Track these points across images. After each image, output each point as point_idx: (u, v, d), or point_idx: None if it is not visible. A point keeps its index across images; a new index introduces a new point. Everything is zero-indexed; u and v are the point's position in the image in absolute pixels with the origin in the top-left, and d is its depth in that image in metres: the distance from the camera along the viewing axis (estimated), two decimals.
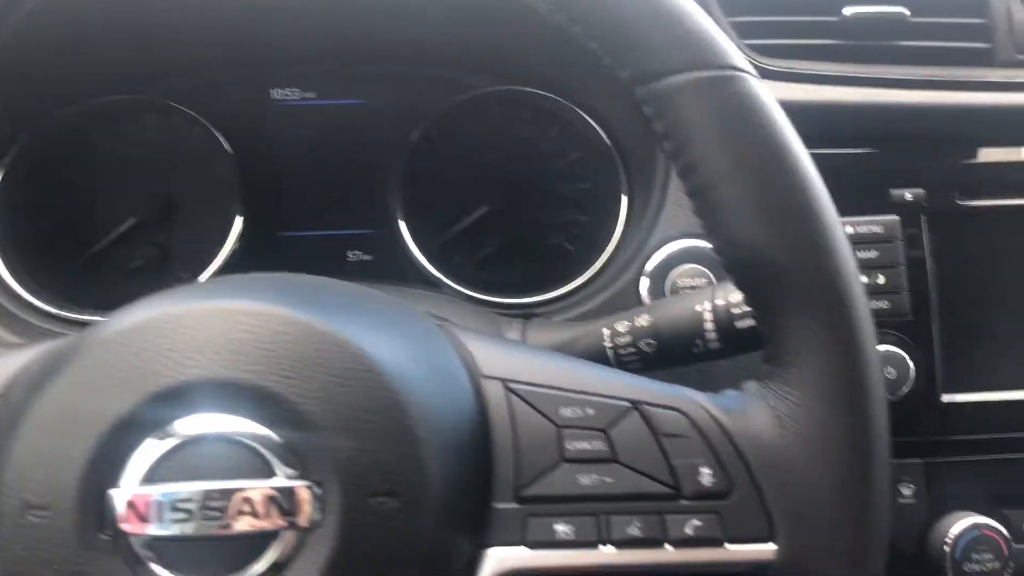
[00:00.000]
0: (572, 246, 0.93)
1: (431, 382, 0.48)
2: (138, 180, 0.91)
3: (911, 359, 0.77)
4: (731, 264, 0.50)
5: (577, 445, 0.49)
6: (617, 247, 0.87)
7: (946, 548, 0.76)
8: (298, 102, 0.92)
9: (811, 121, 0.81)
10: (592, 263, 0.87)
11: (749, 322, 0.63)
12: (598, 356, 0.68)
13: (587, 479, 0.48)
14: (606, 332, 0.69)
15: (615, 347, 0.68)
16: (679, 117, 0.49)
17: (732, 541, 0.48)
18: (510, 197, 0.93)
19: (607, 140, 0.89)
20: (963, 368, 0.80)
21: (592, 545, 0.48)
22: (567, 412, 0.50)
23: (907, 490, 0.79)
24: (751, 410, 0.50)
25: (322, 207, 0.93)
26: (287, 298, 0.48)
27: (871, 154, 0.82)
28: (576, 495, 0.48)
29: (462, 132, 0.92)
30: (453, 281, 0.89)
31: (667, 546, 0.48)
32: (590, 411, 0.50)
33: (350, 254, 0.94)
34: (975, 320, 0.81)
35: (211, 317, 0.46)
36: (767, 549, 0.48)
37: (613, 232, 0.88)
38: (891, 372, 0.77)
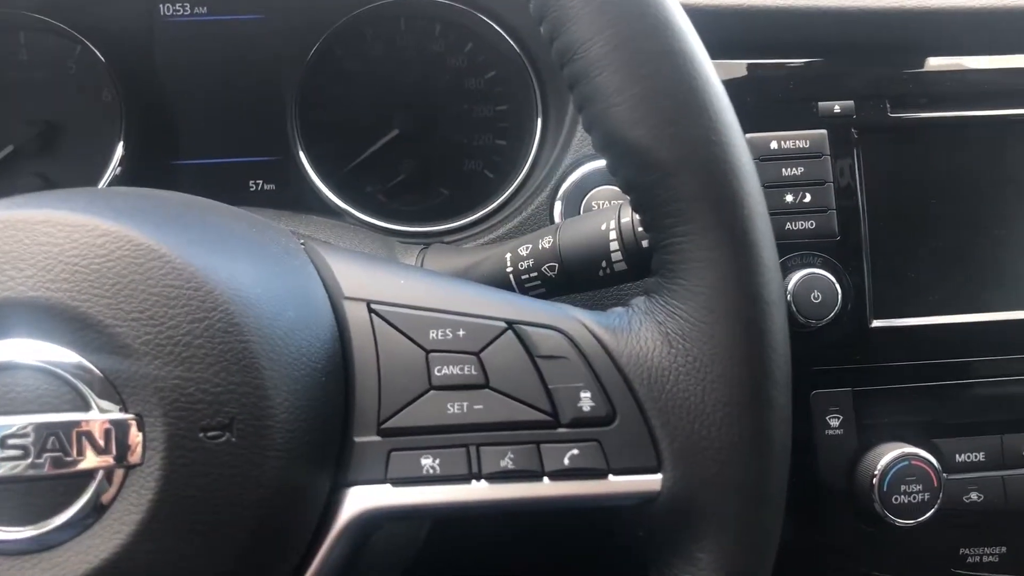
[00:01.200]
0: (492, 173, 0.87)
1: (279, 303, 0.43)
2: (14, 104, 0.83)
3: (838, 282, 0.72)
4: (614, 162, 0.45)
5: (446, 370, 0.44)
6: (530, 170, 0.81)
7: (874, 480, 0.72)
8: (188, 18, 0.85)
9: (736, 29, 0.77)
10: (506, 188, 0.81)
11: None
12: (499, 283, 0.63)
13: (457, 407, 0.43)
14: (508, 256, 0.63)
15: (516, 272, 0.62)
16: None
17: (615, 472, 0.43)
18: (423, 120, 0.86)
19: (520, 54, 0.83)
20: (894, 291, 0.76)
21: (462, 480, 0.43)
22: (436, 335, 0.44)
23: (835, 421, 0.75)
24: (637, 328, 0.45)
25: (219, 133, 0.86)
26: (105, 208, 0.42)
27: (799, 64, 0.76)
28: (444, 425, 0.43)
29: (366, 48, 0.85)
30: (360, 210, 0.83)
31: (544, 479, 0.43)
32: (461, 333, 0.44)
33: (251, 183, 0.87)
34: (907, 240, 0.76)
35: (11, 229, 0.40)
36: (653, 480, 0.43)
37: (528, 155, 0.82)
38: (817, 296, 0.72)
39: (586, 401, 0.43)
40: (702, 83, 0.43)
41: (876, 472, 0.72)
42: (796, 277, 0.72)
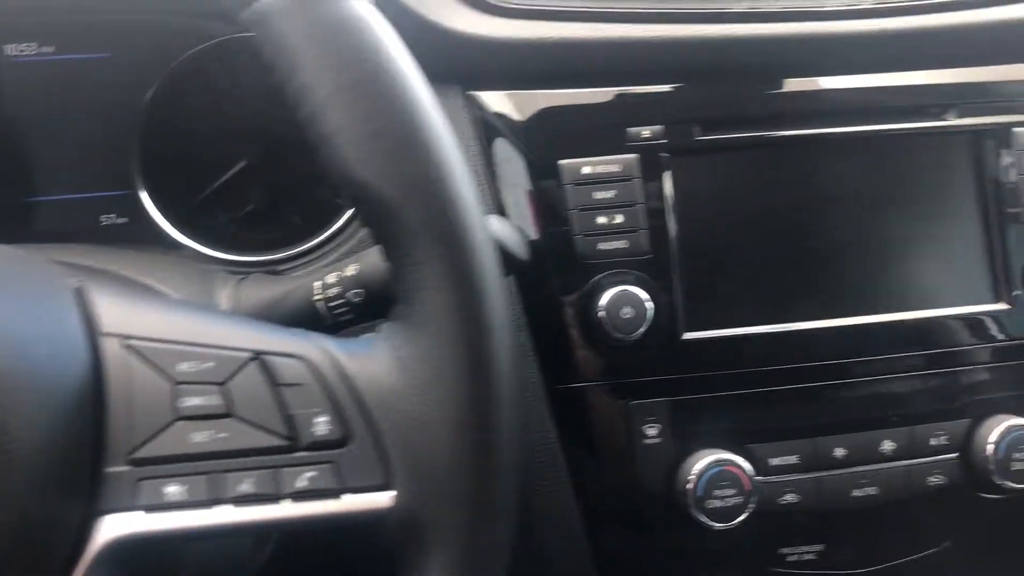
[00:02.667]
0: (342, 200, 0.90)
1: (30, 340, 0.45)
2: None
3: (650, 298, 0.76)
4: (348, 199, 0.48)
5: (192, 401, 0.46)
6: None
7: (688, 486, 0.75)
8: (35, 58, 0.86)
9: (549, 59, 0.80)
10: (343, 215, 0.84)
11: None
12: (308, 311, 0.66)
13: (201, 436, 0.46)
14: (316, 285, 0.66)
15: (325, 300, 0.65)
16: (280, 41, 0.47)
17: (348, 491, 0.46)
18: (271, 150, 0.89)
19: None
20: (705, 305, 0.79)
21: (206, 505, 0.45)
22: (185, 367, 0.47)
23: (652, 430, 0.78)
24: (378, 353, 0.47)
25: (70, 169, 0.87)
26: None
27: (610, 92, 0.79)
28: (189, 454, 0.46)
29: (210, 82, 0.87)
30: (205, 243, 0.85)
31: (283, 501, 0.46)
32: (210, 364, 0.47)
33: (103, 218, 0.89)
34: (718, 256, 0.80)
35: None
36: (384, 497, 0.46)
37: None
38: (627, 312, 0.75)
39: (322, 425, 0.46)
40: (422, 122, 0.46)
41: (691, 478, 0.75)
42: (608, 294, 0.75)
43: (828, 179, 0.82)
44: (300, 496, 0.45)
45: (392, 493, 0.46)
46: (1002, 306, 0.83)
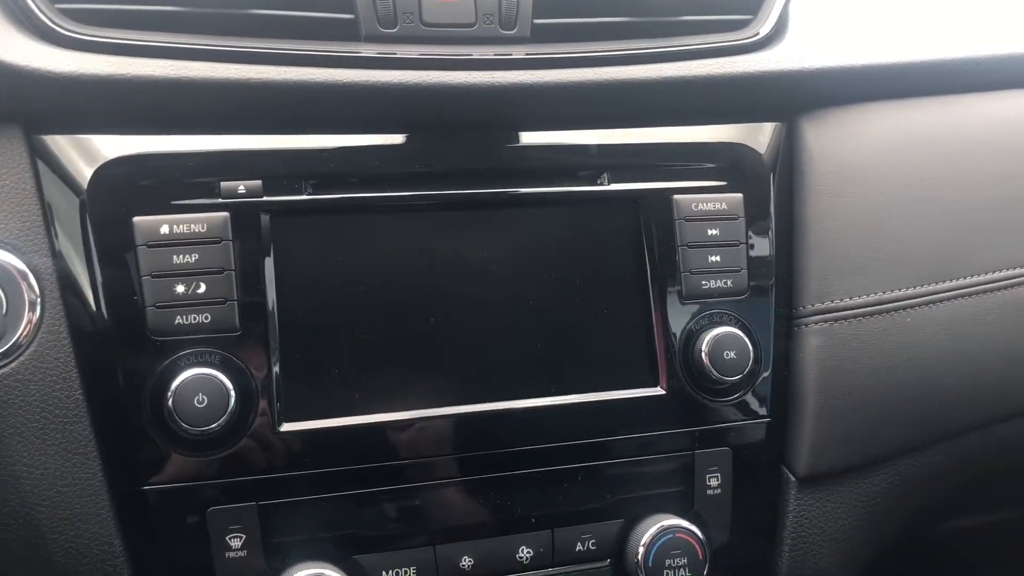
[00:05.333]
0: None
1: None
2: None
3: (236, 383, 0.64)
4: None
5: None
6: None
7: None
8: None
9: (129, 99, 0.66)
10: None
11: None
12: None
13: None
14: None
15: None
16: None
17: None
18: None
19: None
20: (310, 390, 0.68)
21: None
22: None
23: (236, 541, 0.65)
24: None
25: None
26: None
27: (202, 139, 0.67)
28: None
29: None
30: None
31: None
32: None
33: None
34: (327, 334, 0.68)
35: None
36: None
37: None
38: (202, 400, 0.63)
39: None
40: None
41: None
42: (179, 379, 0.63)
43: (469, 247, 0.72)
44: None
45: None
46: (657, 391, 0.74)
